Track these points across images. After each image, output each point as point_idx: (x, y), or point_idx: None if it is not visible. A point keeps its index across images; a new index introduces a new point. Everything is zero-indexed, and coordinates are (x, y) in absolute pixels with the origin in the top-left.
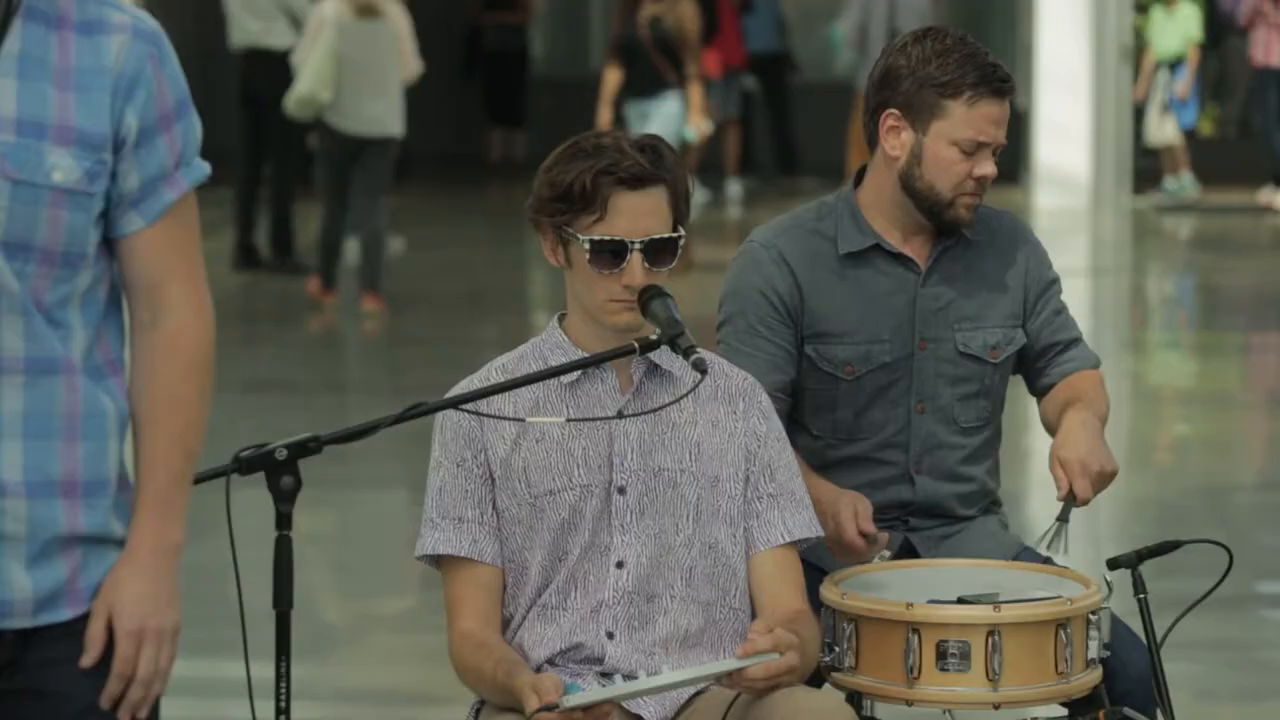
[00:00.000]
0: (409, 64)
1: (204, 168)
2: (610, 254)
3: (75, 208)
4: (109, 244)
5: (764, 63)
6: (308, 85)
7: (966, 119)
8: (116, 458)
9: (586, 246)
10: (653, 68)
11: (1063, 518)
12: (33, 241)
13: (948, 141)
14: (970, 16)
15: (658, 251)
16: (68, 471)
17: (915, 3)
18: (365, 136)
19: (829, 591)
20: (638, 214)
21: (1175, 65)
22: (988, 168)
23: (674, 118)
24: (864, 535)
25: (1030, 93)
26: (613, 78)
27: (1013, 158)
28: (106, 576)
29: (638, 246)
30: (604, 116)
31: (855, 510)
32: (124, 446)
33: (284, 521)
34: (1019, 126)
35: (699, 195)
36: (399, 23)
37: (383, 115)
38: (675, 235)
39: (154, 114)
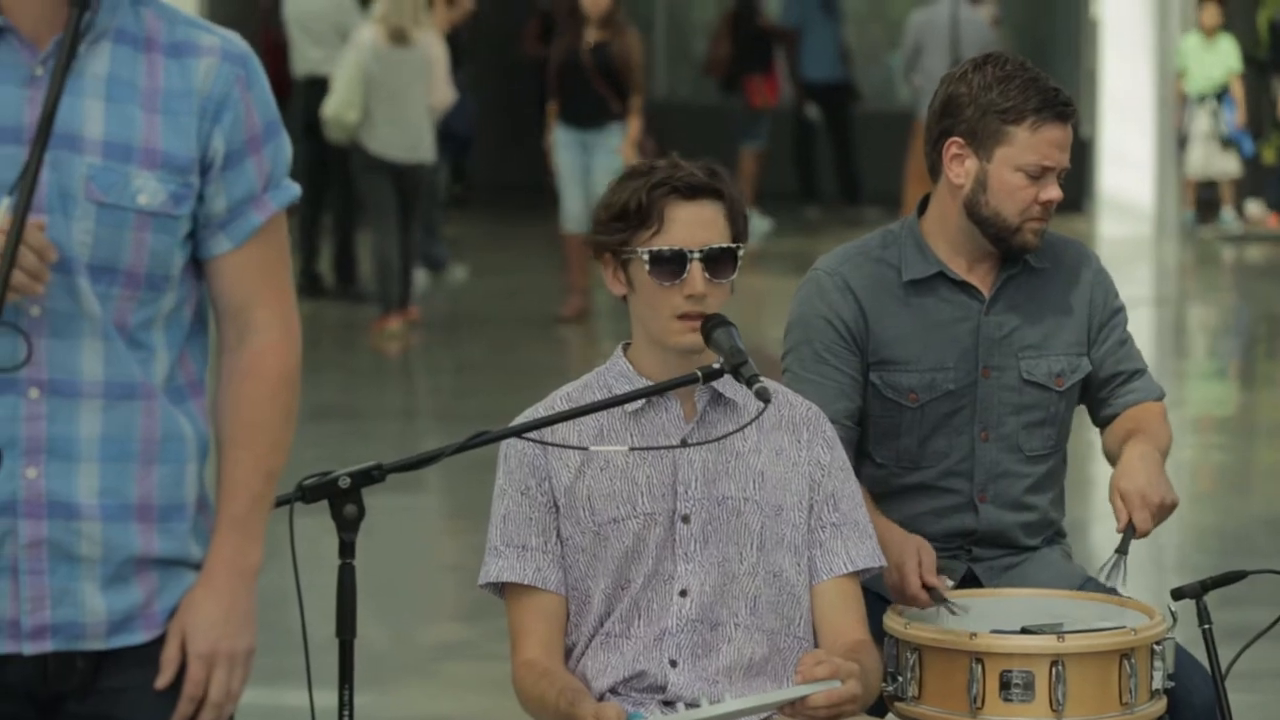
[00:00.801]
0: (438, 92)
1: (293, 189)
2: (670, 265)
3: (160, 230)
4: (197, 265)
5: (826, 92)
6: (333, 106)
7: (1031, 144)
8: (194, 482)
9: (645, 258)
10: (596, 96)
11: (1122, 550)
12: (118, 264)
13: (1013, 167)
14: (1034, 44)
15: (717, 262)
16: (144, 495)
17: (977, 31)
18: (394, 161)
19: (892, 621)
20: (695, 224)
21: (1219, 96)
22: (1053, 192)
23: (619, 153)
24: (926, 586)
25: (1094, 121)
26: (552, 108)
27: (1076, 186)
28: (182, 598)
29: (697, 256)
30: (549, 157)
31: (919, 561)
32: (204, 470)
33: (347, 550)
34: (1082, 155)
35: (762, 224)
36: (431, 50)
37: (411, 141)
38: (734, 246)
39: (242, 136)
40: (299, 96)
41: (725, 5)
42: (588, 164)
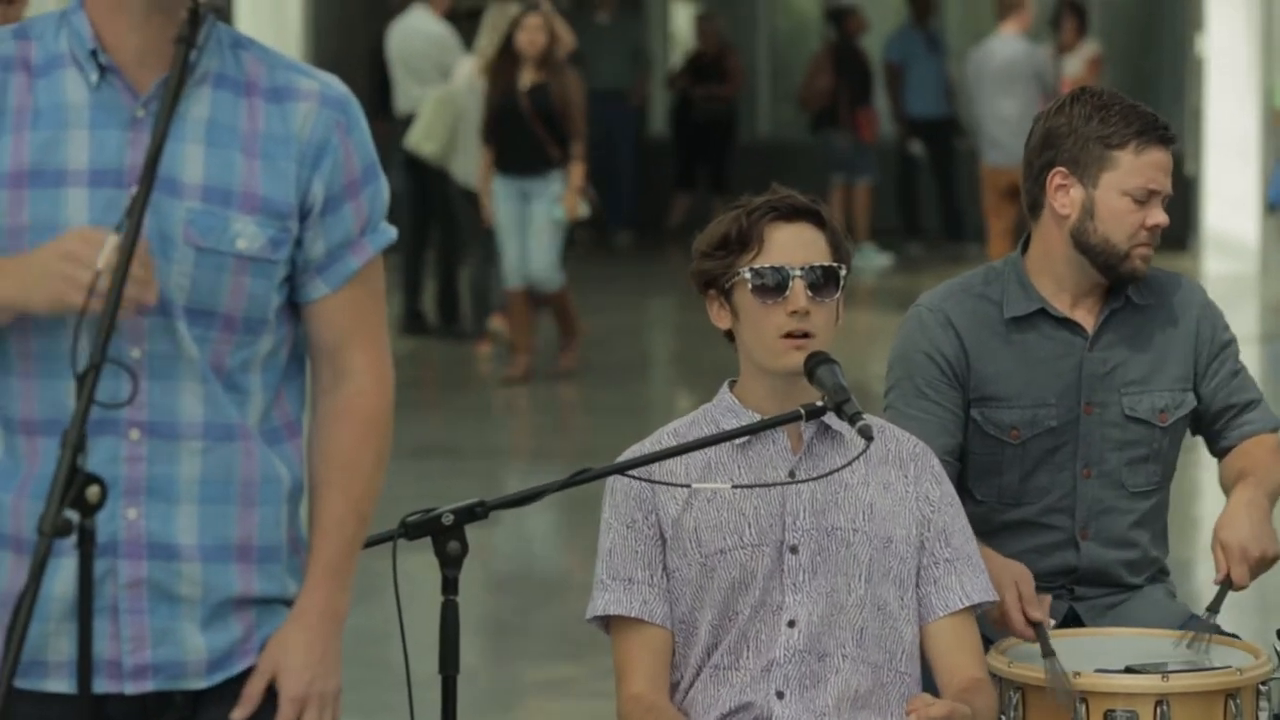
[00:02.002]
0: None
1: (390, 232)
2: (772, 284)
3: (258, 275)
4: (294, 307)
5: (930, 127)
6: (413, 135)
7: (1136, 167)
8: (290, 522)
9: (748, 277)
10: (534, 142)
11: (1213, 608)
12: (216, 308)
13: (1119, 192)
14: (1137, 82)
15: (820, 280)
16: (244, 536)
17: (1028, 63)
18: (475, 189)
19: (995, 660)
20: (795, 244)
21: None
22: (1160, 216)
23: (561, 202)
24: (1029, 620)
25: (1199, 158)
26: (488, 157)
27: (1181, 224)
28: (272, 637)
29: (798, 274)
30: (485, 208)
31: (1020, 594)
32: (299, 511)
33: (450, 586)
34: (1187, 192)
35: (878, 259)
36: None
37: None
38: (836, 265)
39: (341, 181)
40: (401, 134)
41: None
42: (527, 214)
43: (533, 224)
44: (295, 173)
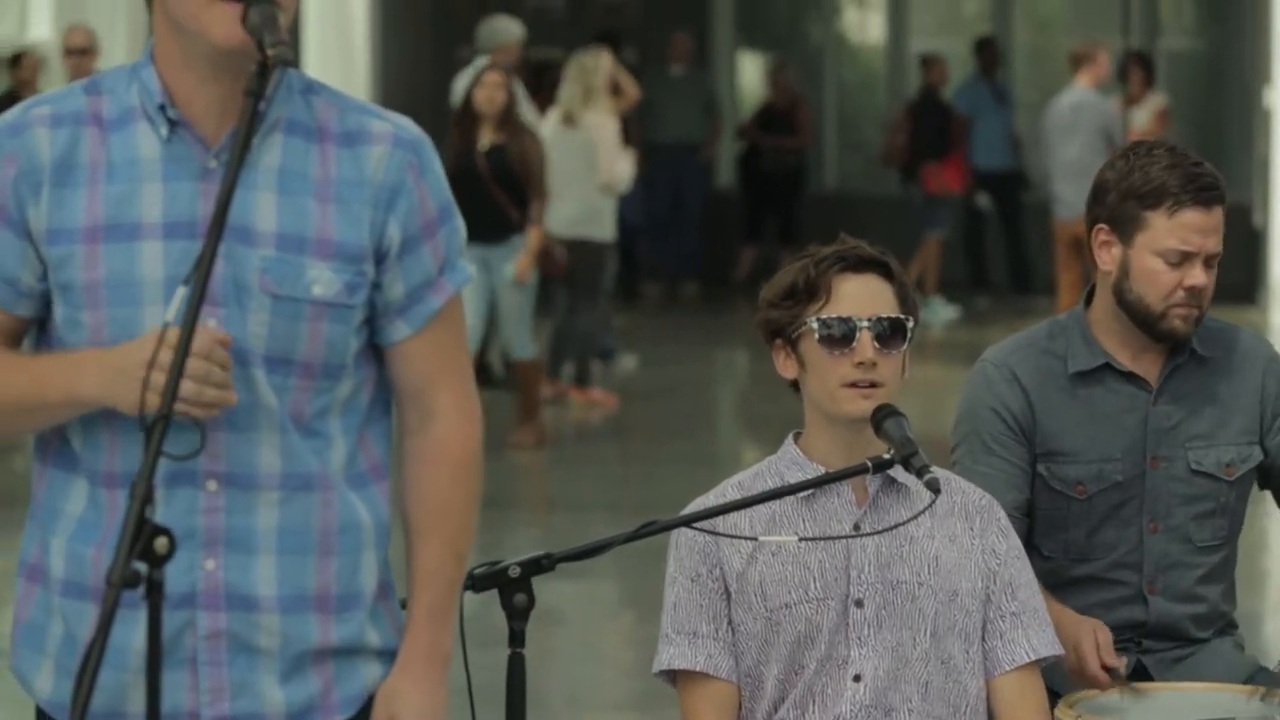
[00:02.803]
0: (603, 172)
1: (467, 271)
2: (839, 334)
3: (335, 320)
4: (374, 348)
5: (997, 180)
6: None
7: (1168, 229)
8: (373, 568)
9: (814, 327)
10: (493, 205)
11: None
12: (294, 355)
13: (1151, 253)
14: (1205, 133)
15: (886, 332)
16: (322, 586)
17: (1097, 115)
18: (560, 237)
19: (1064, 715)
20: (863, 296)
21: None
22: (1197, 278)
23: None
24: (1105, 667)
25: (1268, 209)
26: None
27: (1249, 277)
28: (381, 688)
29: (865, 324)
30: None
31: (1097, 641)
32: (385, 554)
33: (517, 639)
34: (1255, 245)
35: (946, 311)
36: (597, 132)
37: (573, 218)
38: (903, 317)
39: (417, 223)
40: None
41: (897, 94)
42: (491, 284)
43: (500, 295)
44: (370, 216)
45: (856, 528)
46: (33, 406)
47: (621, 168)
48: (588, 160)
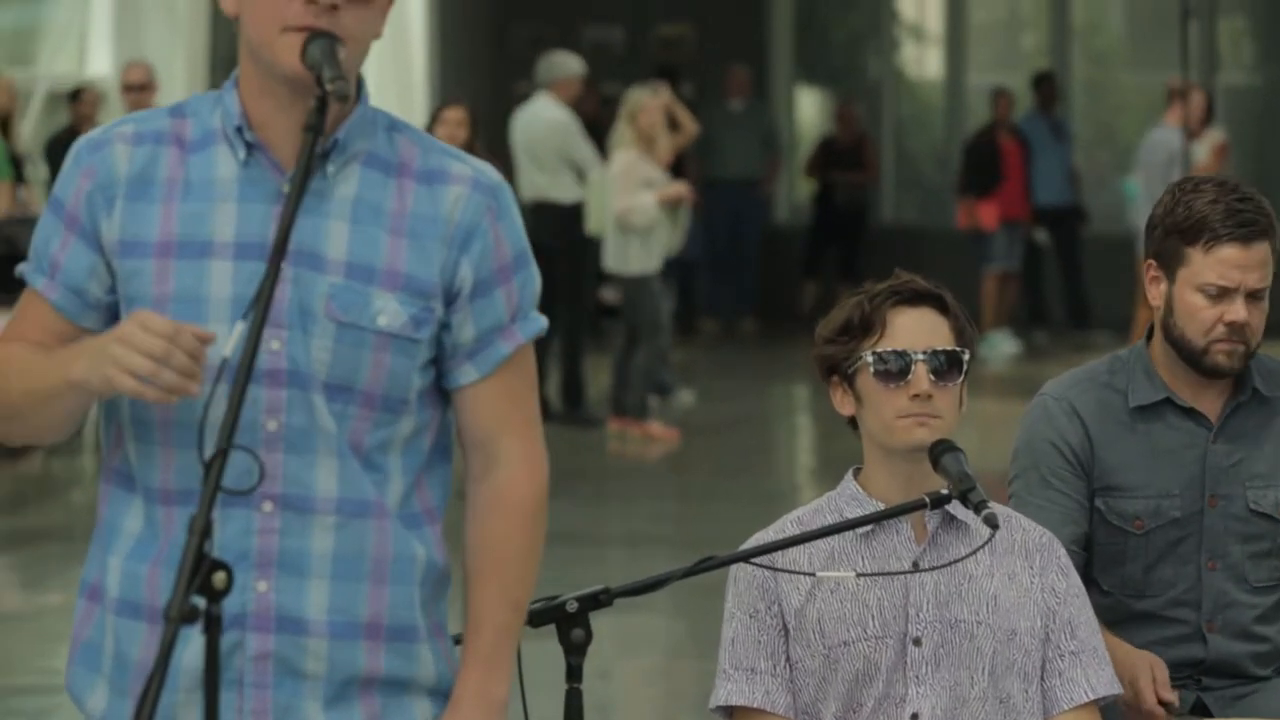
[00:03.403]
0: (618, 205)
1: (541, 321)
2: (895, 368)
3: (399, 352)
4: (440, 394)
5: (1055, 215)
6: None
7: (1206, 264)
8: (427, 605)
9: (870, 361)
10: None
11: None
12: (355, 384)
13: (1192, 288)
14: (1264, 167)
15: (942, 365)
16: (373, 614)
17: (1155, 152)
18: (606, 272)
19: None
20: (918, 329)
21: None
22: (1238, 313)
23: None
24: (1162, 702)
25: None
26: None
27: None
28: None
29: (921, 357)
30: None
31: (1154, 676)
32: (443, 597)
33: (574, 674)
34: None
35: (1006, 346)
36: (616, 166)
37: (610, 251)
38: (959, 350)
39: (491, 266)
40: (525, 221)
41: (955, 129)
42: None
43: None
44: (442, 254)
45: (915, 565)
46: (41, 392)
47: (643, 201)
48: (612, 196)
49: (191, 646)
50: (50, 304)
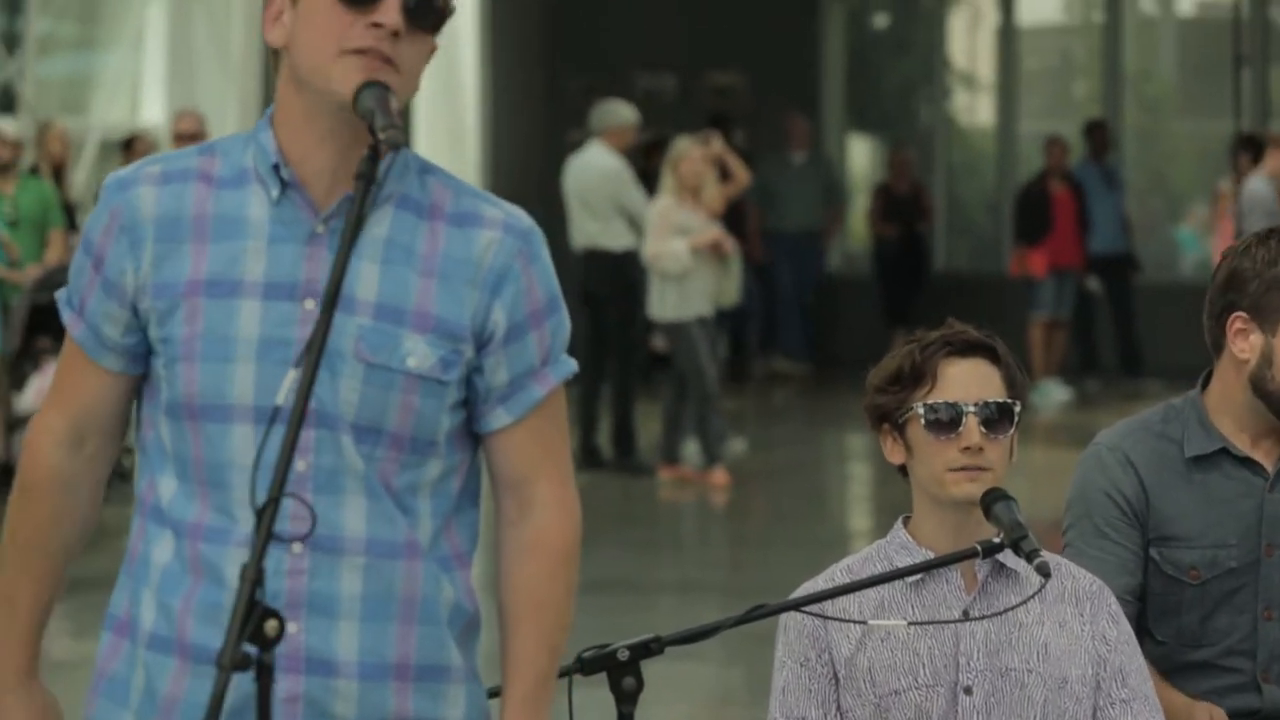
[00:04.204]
0: (648, 250)
1: (571, 364)
2: (946, 419)
3: (427, 394)
4: (470, 438)
5: (1107, 263)
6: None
7: None
8: (458, 647)
9: (920, 411)
10: None
11: None
12: (383, 425)
13: None
14: None
15: (993, 416)
16: (403, 655)
17: (1262, 202)
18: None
19: None
20: (969, 380)
21: None
22: None
23: None
24: None
25: None
26: None
27: None
28: None
29: (972, 409)
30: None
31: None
32: (474, 641)
33: None
34: None
35: (1059, 394)
36: (651, 212)
37: (651, 298)
38: (1010, 401)
39: (523, 310)
40: (577, 269)
41: (1006, 176)
42: None
43: None
44: (474, 298)
45: (965, 614)
46: None
47: (674, 247)
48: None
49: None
50: (74, 339)
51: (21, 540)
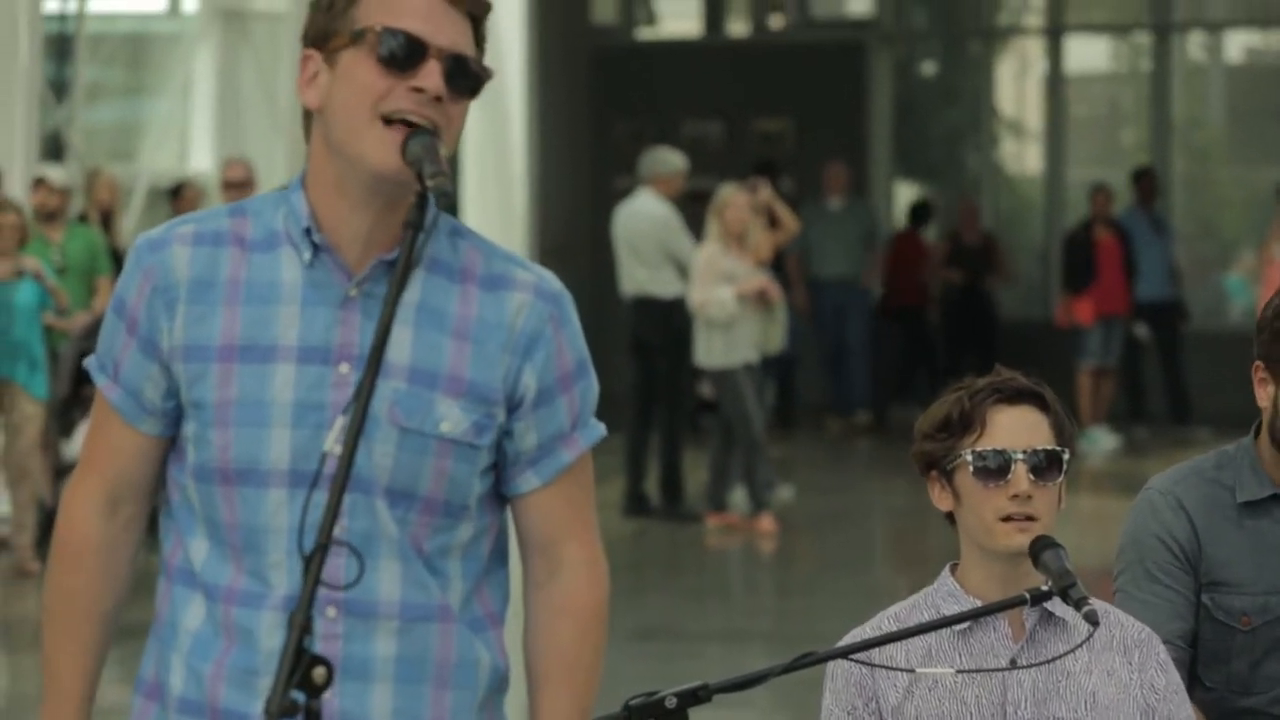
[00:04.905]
0: (694, 298)
1: (600, 429)
2: (994, 466)
3: (461, 459)
4: (497, 499)
5: (1155, 310)
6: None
7: None
8: (489, 708)
9: (969, 459)
10: None
11: None
12: (416, 490)
13: None
14: None
15: (1042, 465)
16: (436, 718)
17: None
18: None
19: None
20: (1018, 428)
21: None
22: None
23: None
24: None
25: None
26: None
27: None
28: None
29: (1020, 457)
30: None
31: None
32: (503, 701)
33: None
34: None
35: (1107, 441)
36: (697, 259)
37: (698, 346)
38: (1059, 449)
39: (553, 375)
40: (627, 316)
41: (1054, 224)
42: None
43: None
44: (505, 361)
45: (1013, 662)
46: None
47: (720, 295)
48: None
49: None
50: (110, 404)
51: (60, 607)
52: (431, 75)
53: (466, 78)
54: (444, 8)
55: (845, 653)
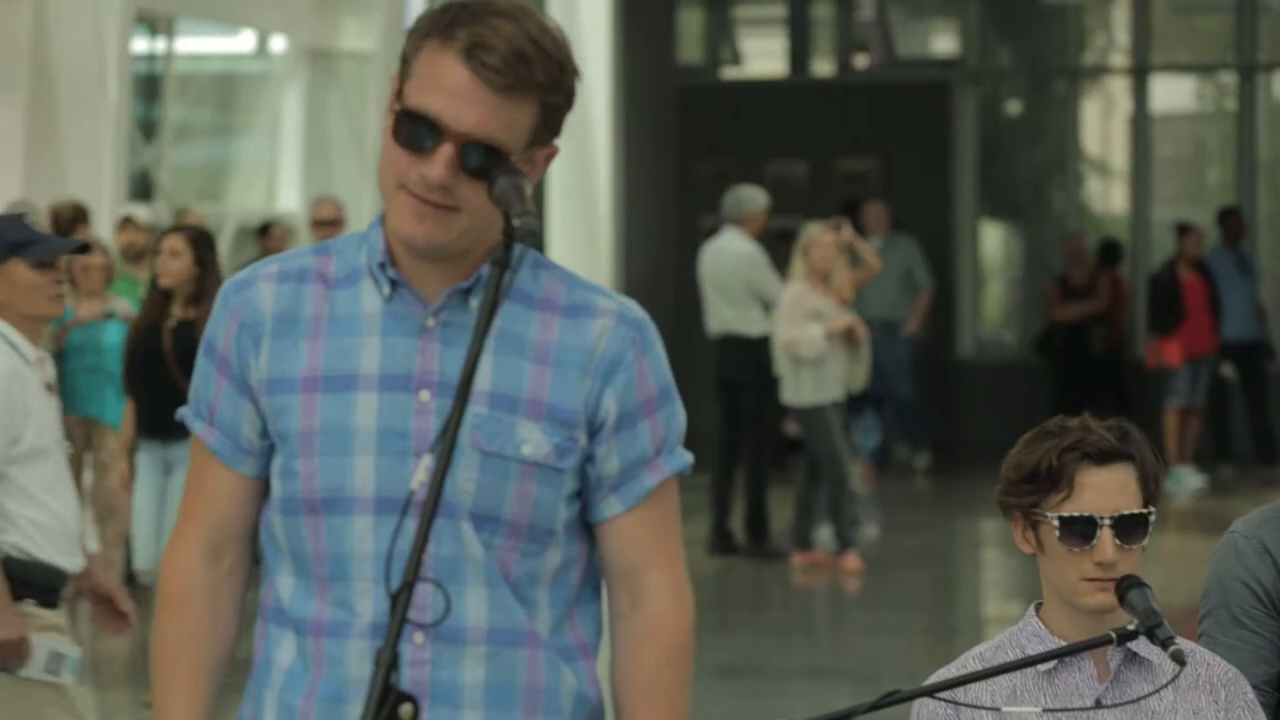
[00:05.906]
0: (782, 334)
1: (686, 457)
2: (1080, 532)
3: (544, 482)
4: (588, 530)
5: (1241, 350)
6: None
7: None
8: None
9: (1055, 524)
10: (178, 395)
11: None
12: (500, 514)
13: None
14: None
15: (1128, 528)
16: None
17: None
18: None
19: None
20: (1106, 490)
21: None
22: None
23: None
24: None
25: None
26: (129, 416)
27: None
28: None
29: (1107, 523)
30: (122, 468)
31: None
32: None
33: None
34: None
35: (1193, 481)
36: (784, 298)
37: (785, 384)
38: (1145, 512)
39: (635, 399)
40: (712, 354)
41: (1140, 264)
42: (167, 489)
43: (170, 500)
44: (586, 385)
45: (1098, 702)
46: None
47: (809, 333)
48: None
49: None
50: (208, 449)
51: (169, 657)
52: (437, 165)
53: (474, 159)
54: (475, 85)
55: (930, 691)
